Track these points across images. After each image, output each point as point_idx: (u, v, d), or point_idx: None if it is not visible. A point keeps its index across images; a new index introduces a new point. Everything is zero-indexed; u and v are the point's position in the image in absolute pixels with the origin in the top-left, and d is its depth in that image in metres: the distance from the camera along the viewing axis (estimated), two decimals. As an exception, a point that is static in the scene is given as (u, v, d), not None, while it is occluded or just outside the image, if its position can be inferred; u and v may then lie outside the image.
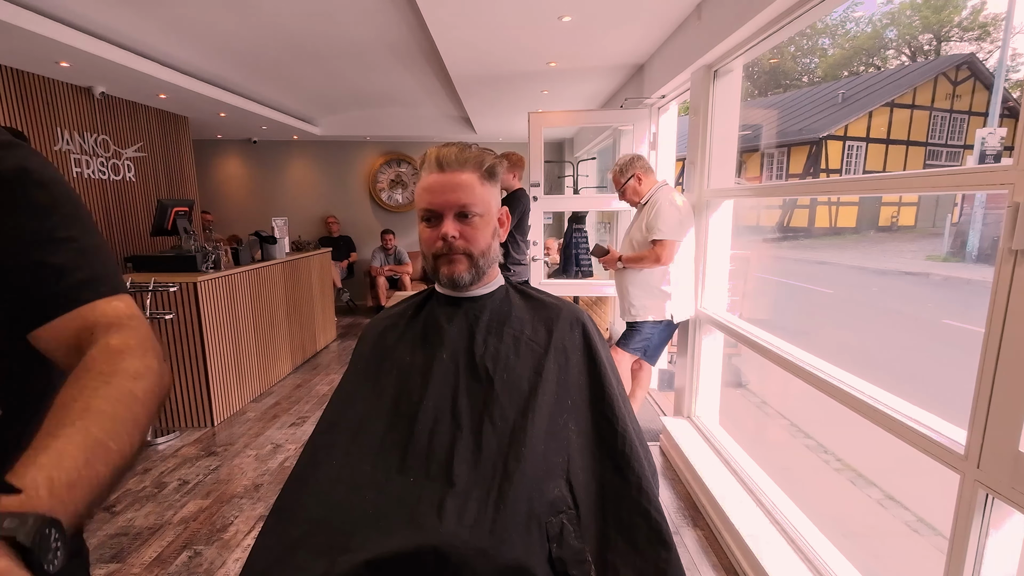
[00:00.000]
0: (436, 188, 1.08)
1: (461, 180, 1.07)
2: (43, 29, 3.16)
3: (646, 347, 3.08)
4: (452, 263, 1.09)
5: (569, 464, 1.02)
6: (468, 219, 1.09)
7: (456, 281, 1.10)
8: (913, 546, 2.78)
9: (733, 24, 2.42)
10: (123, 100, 4.84)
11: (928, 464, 1.36)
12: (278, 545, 0.94)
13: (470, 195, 1.08)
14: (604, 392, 1.09)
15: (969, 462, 1.23)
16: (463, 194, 1.07)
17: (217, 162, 7.79)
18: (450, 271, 1.10)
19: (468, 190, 1.08)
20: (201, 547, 2.39)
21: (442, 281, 1.13)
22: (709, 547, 2.35)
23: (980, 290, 8.32)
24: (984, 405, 1.19)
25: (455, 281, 1.10)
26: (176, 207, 3.78)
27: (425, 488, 0.95)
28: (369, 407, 1.08)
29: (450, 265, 1.09)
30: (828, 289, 10.48)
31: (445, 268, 1.10)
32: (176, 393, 3.66)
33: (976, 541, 1.22)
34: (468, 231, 1.09)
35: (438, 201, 1.08)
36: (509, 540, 0.89)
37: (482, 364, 1.08)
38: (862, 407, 1.60)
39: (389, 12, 3.27)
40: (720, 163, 2.93)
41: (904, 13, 24.73)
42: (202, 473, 3.06)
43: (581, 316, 1.18)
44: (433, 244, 1.10)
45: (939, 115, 16.26)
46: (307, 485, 1.01)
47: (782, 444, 4.08)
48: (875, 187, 1.71)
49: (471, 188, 1.08)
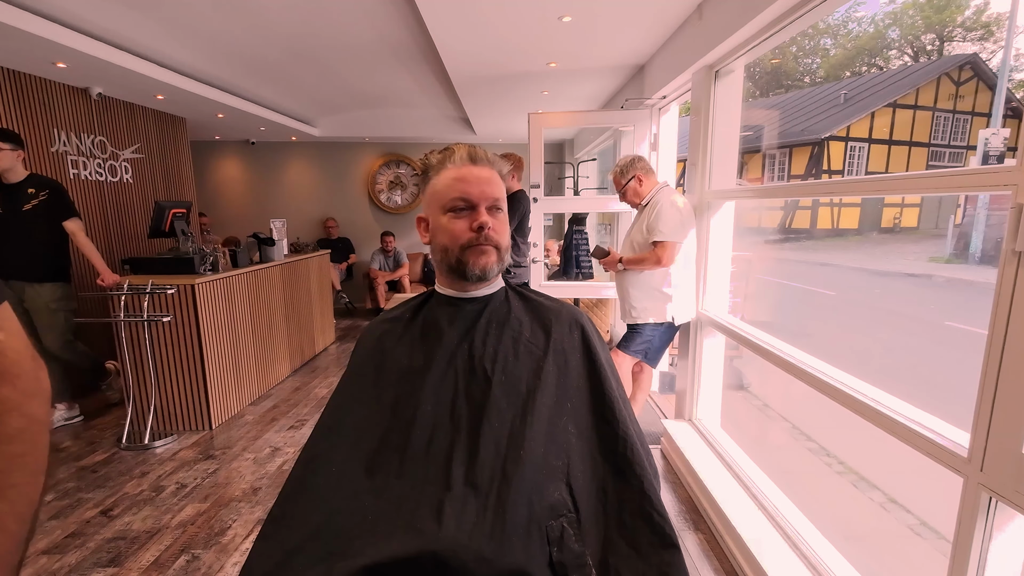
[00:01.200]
0: (471, 179, 1.09)
1: (492, 175, 1.11)
2: (40, 30, 3.15)
3: (647, 349, 3.06)
4: (484, 254, 1.09)
5: (569, 467, 1.01)
6: (497, 213, 1.11)
7: (486, 273, 1.10)
8: (916, 550, 2.76)
9: (734, 24, 2.41)
10: (120, 101, 4.83)
11: (931, 467, 1.35)
12: (276, 550, 0.94)
13: (499, 190, 1.12)
14: (604, 394, 1.09)
15: (972, 465, 1.22)
16: (495, 188, 1.11)
17: (215, 163, 7.78)
18: (483, 262, 1.09)
19: (498, 185, 1.12)
20: (199, 551, 2.37)
21: (471, 273, 1.10)
22: (711, 551, 2.34)
23: (983, 292, 8.28)
24: (987, 408, 1.18)
25: (486, 273, 1.10)
26: (174, 209, 3.77)
27: (423, 492, 0.94)
28: (367, 410, 1.07)
29: (482, 256, 1.09)
30: (830, 291, 10.45)
31: (475, 258, 1.09)
32: (174, 396, 3.63)
33: (979, 544, 1.22)
34: (497, 224, 1.11)
35: (475, 191, 1.08)
36: (509, 544, 0.88)
37: (481, 366, 1.07)
38: (864, 410, 1.58)
39: (388, 12, 3.26)
40: (721, 164, 2.92)
41: (907, 13, 24.67)
42: (200, 476, 3.05)
43: (580, 318, 1.18)
44: (463, 234, 1.08)
45: (942, 116, 16.21)
46: (305, 490, 1.01)
47: (784, 447, 4.06)
48: (877, 188, 1.71)
49: (499, 184, 1.12)
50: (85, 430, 3.68)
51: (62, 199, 3.45)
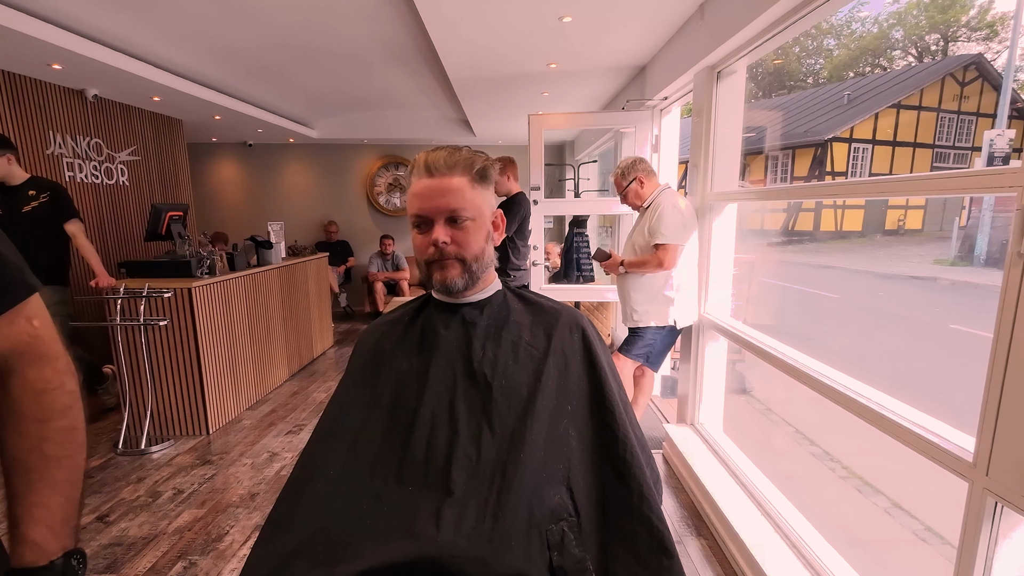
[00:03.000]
0: (425, 194, 1.07)
1: (451, 184, 1.06)
2: (35, 31, 3.14)
3: (649, 353, 3.05)
4: (444, 268, 1.08)
5: (570, 471, 1.00)
6: (459, 224, 1.07)
7: (449, 287, 1.09)
8: (920, 555, 2.76)
9: (736, 24, 2.39)
10: (116, 103, 4.82)
11: (936, 472, 1.34)
12: (274, 555, 0.94)
13: (460, 199, 1.07)
14: (605, 398, 1.08)
15: (978, 470, 1.21)
16: (452, 199, 1.06)
17: (212, 166, 7.76)
18: (443, 276, 1.09)
19: (458, 194, 1.07)
20: (196, 557, 2.37)
21: (435, 287, 1.12)
22: (713, 556, 2.33)
23: (988, 295, 8.26)
24: (993, 411, 1.17)
25: (448, 287, 1.09)
26: (170, 211, 3.75)
27: (422, 496, 0.94)
28: (365, 414, 1.07)
29: (443, 271, 1.09)
30: (834, 294, 10.47)
31: (438, 274, 1.09)
32: (171, 401, 3.61)
33: (985, 550, 1.21)
34: (459, 236, 1.08)
35: (428, 207, 1.07)
36: (509, 549, 0.88)
37: (480, 370, 1.07)
38: (868, 414, 1.57)
39: (386, 12, 3.24)
40: (723, 166, 2.91)
41: (910, 13, 24.65)
42: (197, 482, 3.03)
43: (581, 321, 1.17)
44: (425, 250, 1.09)
45: (946, 116, 16.17)
46: (303, 494, 1.01)
47: (787, 452, 4.05)
48: (881, 190, 1.70)
49: (461, 192, 1.07)
50: (81, 435, 3.65)
51: (63, 201, 3.44)
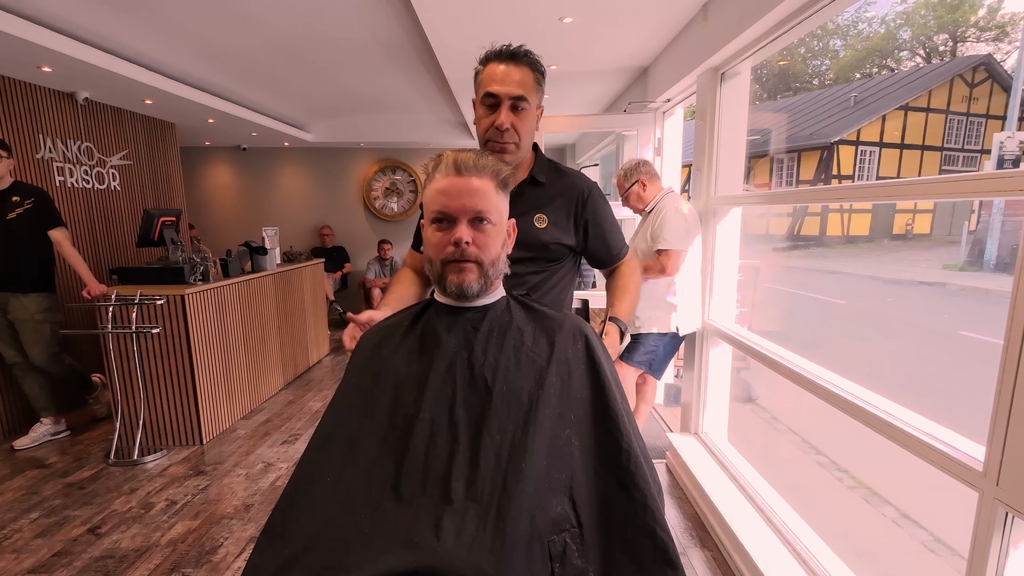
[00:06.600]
0: (452, 191, 1.06)
1: (478, 186, 1.07)
2: (24, 33, 3.12)
3: (651, 360, 3.04)
4: (463, 271, 1.08)
5: (572, 480, 0.99)
6: (482, 226, 1.08)
7: (465, 291, 1.08)
8: (930, 566, 2.73)
9: (740, 25, 2.38)
10: (107, 106, 4.79)
11: (945, 481, 1.33)
12: (271, 564, 0.92)
13: (486, 202, 1.07)
14: (608, 406, 1.06)
15: (988, 479, 1.20)
16: (480, 200, 1.07)
17: (205, 170, 7.71)
18: (460, 280, 1.08)
19: (484, 197, 1.07)
20: (190, 570, 2.34)
21: (449, 290, 1.10)
22: (718, 568, 2.30)
23: (999, 300, 8.22)
24: (1003, 420, 1.16)
25: (464, 291, 1.08)
26: (163, 217, 3.70)
27: (422, 505, 0.93)
28: (364, 421, 1.05)
29: (460, 274, 1.08)
30: (841, 300, 10.45)
31: (454, 276, 1.08)
32: (163, 410, 3.56)
33: (995, 561, 1.20)
34: (481, 239, 1.08)
35: (454, 205, 1.06)
36: (509, 560, 0.86)
37: (481, 375, 1.05)
38: (876, 422, 1.56)
39: (383, 13, 3.23)
40: (728, 169, 2.90)
41: (918, 13, 24.56)
42: (190, 493, 3.00)
43: (584, 328, 1.16)
44: (443, 249, 1.08)
45: (955, 118, 16.16)
46: (300, 502, 0.99)
47: (793, 461, 4.01)
48: (889, 194, 1.69)
49: (487, 195, 1.08)
50: (72, 445, 3.62)
51: (47, 207, 3.41)
